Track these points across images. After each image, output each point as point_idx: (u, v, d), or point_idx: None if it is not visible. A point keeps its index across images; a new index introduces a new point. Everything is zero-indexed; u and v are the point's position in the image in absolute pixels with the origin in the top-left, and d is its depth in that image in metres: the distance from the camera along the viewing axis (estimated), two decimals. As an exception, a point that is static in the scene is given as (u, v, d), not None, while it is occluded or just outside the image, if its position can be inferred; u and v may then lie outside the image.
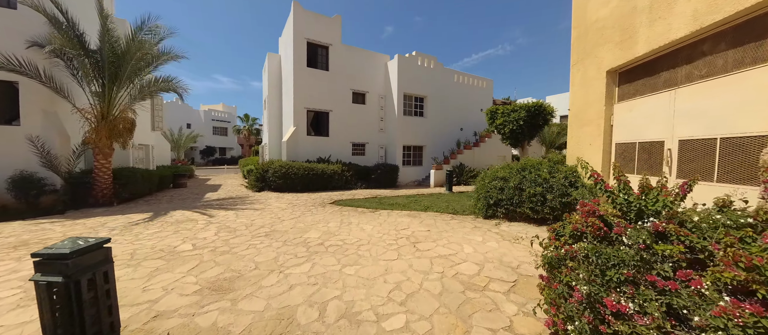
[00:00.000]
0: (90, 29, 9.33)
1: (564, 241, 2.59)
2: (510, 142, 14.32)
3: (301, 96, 14.83)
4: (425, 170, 17.90)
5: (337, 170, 13.63)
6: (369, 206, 9.14)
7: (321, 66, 15.49)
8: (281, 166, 12.60)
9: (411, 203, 9.42)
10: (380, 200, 10.44)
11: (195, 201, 10.44)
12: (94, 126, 9.33)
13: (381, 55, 17.33)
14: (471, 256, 4.55)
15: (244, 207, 8.99)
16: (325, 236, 5.69)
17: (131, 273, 3.99)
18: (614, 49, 5.67)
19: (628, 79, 5.64)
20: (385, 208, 8.79)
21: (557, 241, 2.79)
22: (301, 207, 8.99)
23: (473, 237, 5.57)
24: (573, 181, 6.38)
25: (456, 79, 19.13)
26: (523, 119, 13.49)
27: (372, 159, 17.13)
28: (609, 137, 5.94)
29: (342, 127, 16.15)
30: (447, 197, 11.16)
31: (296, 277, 3.81)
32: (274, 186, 12.60)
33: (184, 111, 38.23)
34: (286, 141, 14.50)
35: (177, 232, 6.01)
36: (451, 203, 9.36)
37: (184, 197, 11.64)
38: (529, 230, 6.11)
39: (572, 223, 2.66)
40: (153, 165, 16.56)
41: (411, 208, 8.67)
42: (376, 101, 17.24)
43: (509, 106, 14.44)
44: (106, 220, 7.29)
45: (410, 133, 17.13)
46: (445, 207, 8.63)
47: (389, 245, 5.13)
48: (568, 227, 2.71)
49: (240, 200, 10.37)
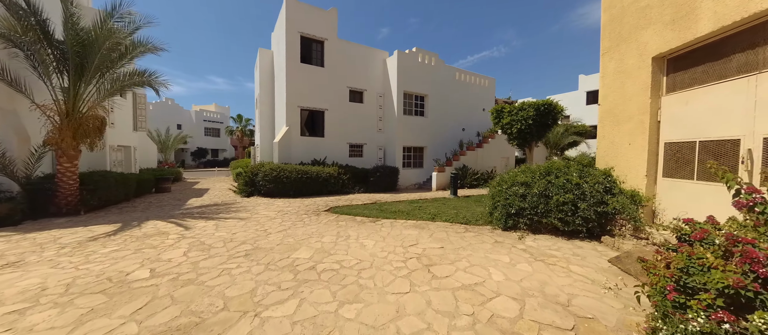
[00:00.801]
0: (58, 17, 8.24)
1: (708, 302, 1.64)
2: (517, 142, 13.43)
3: (295, 94, 13.81)
4: (426, 173, 16.96)
5: (333, 173, 12.63)
6: (369, 214, 8.14)
7: (316, 62, 14.49)
8: (272, 169, 11.56)
9: (415, 211, 8.44)
10: (381, 206, 9.45)
11: (174, 209, 9.36)
12: (57, 125, 8.25)
13: (379, 51, 16.38)
14: (504, 286, 3.58)
15: (228, 216, 7.94)
16: (318, 256, 4.69)
17: (55, 316, 2.96)
18: (663, 31, 4.76)
19: (683, 66, 4.72)
20: (387, 216, 7.80)
21: (686, 297, 1.83)
22: (292, 216, 7.96)
23: (498, 257, 4.61)
24: (609, 187, 5.45)
25: (457, 77, 18.24)
26: (532, 119, 12.61)
27: (370, 161, 16.14)
28: (655, 136, 5.03)
29: (338, 127, 15.15)
30: (453, 202, 10.20)
31: (276, 325, 2.80)
32: (265, 191, 11.56)
33: (175, 111, 36.94)
34: (277, 142, 13.46)
35: (138, 251, 4.97)
36: (460, 211, 8.40)
37: (163, 203, 10.55)
38: (561, 245, 5.16)
39: (718, 274, 1.69)
40: (135, 168, 15.42)
41: (416, 216, 7.69)
42: (374, 99, 16.27)
43: (516, 104, 13.56)
44: (62, 234, 6.21)
45: (410, 133, 16.17)
46: (454, 216, 7.67)
47: (398, 269, 4.14)
48: (710, 279, 1.74)
49: (225, 208, 9.32)
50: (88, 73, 8.31)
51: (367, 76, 16.01)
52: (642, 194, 5.03)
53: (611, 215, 5.25)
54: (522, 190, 6.08)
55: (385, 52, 16.53)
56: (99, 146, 9.05)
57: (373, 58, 16.16)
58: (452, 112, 17.93)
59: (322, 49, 14.56)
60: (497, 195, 6.58)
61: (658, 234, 4.48)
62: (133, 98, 15.91)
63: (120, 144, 13.68)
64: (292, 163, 13.30)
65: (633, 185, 5.29)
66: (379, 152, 16.46)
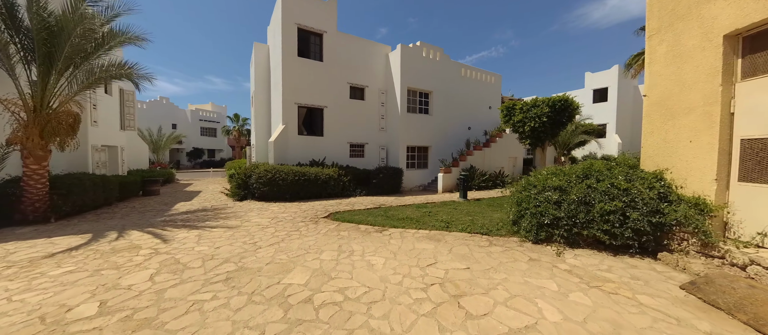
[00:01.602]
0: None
1: None
2: (529, 142, 12.54)
3: (292, 90, 12.90)
4: (431, 174, 16.06)
5: (333, 174, 11.72)
6: (374, 222, 7.23)
7: (314, 56, 13.58)
8: (267, 170, 10.65)
9: (425, 218, 7.54)
10: (386, 211, 8.55)
11: (157, 215, 8.44)
12: (22, 122, 7.34)
13: (382, 46, 15.47)
14: (566, 331, 2.68)
15: (215, 224, 7.03)
16: (316, 281, 3.78)
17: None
18: (740, 2, 3.87)
19: (765, 45, 3.84)
20: (395, 225, 6.89)
21: None
22: (287, 224, 7.06)
23: (541, 282, 3.71)
24: (664, 193, 4.56)
25: (463, 74, 17.34)
26: (547, 116, 11.73)
27: (372, 161, 15.24)
28: (727, 131, 4.13)
29: (338, 125, 14.23)
30: (465, 207, 9.30)
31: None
32: (259, 194, 10.65)
33: (169, 110, 35.96)
34: (273, 141, 12.54)
35: (96, 273, 4.06)
36: (476, 217, 7.50)
37: (147, 208, 9.63)
38: (610, 264, 4.27)
39: None
40: (123, 169, 14.49)
41: (428, 225, 6.78)
42: (376, 96, 15.37)
43: (528, 101, 12.68)
44: (17, 247, 5.28)
45: (414, 132, 15.27)
46: (470, 223, 6.76)
47: (418, 301, 3.24)
48: None
49: (213, 214, 8.40)
50: (57, 63, 7.38)
51: (369, 71, 15.11)
52: (710, 203, 4.15)
53: (669, 228, 4.36)
54: (556, 196, 5.18)
55: (387, 47, 15.63)
56: (72, 145, 8.11)
57: (374, 52, 15.26)
58: (458, 110, 17.04)
59: (320, 42, 13.65)
60: (524, 201, 5.68)
61: (739, 253, 3.59)
62: (121, 95, 14.98)
63: (104, 144, 12.75)
64: (289, 164, 12.40)
65: (695, 191, 4.40)
66: (381, 152, 15.56)
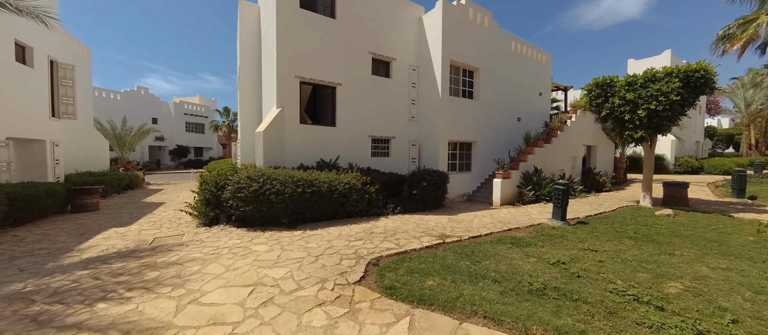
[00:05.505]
0: None
1: None
2: (642, 133, 8.52)
3: (290, 57, 8.89)
4: (476, 179, 12.10)
5: (355, 183, 7.71)
6: (459, 290, 3.25)
7: (323, 10, 9.57)
8: (251, 178, 6.63)
9: (557, 275, 3.58)
10: (460, 253, 4.57)
11: (41, 262, 4.41)
12: None
13: (413, 6, 11.48)
14: None
15: (127, 297, 3.01)
16: None
17: None
18: None
19: None
20: (508, 302, 2.91)
21: None
22: (284, 298, 3.05)
23: None
24: None
25: (514, 48, 13.38)
26: (678, 93, 7.81)
27: (399, 163, 11.27)
28: None
29: (356, 111, 10.25)
30: (607, 246, 5.35)
31: None
32: (238, 216, 6.65)
33: (149, 103, 31.63)
34: (263, 131, 8.51)
35: None
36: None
37: (47, 240, 5.59)
38: None
39: None
40: (55, 173, 10.40)
41: (575, 302, 2.82)
42: (405, 73, 11.38)
43: (639, 75, 8.73)
44: None
45: (458, 123, 11.29)
46: (697, 303, 2.83)
47: None
48: None
49: (144, 263, 4.38)
50: None
51: (396, 40, 11.11)
52: None
53: None
54: None
55: (420, 8, 11.64)
56: None
57: (403, 14, 11.26)
58: (507, 95, 13.06)
59: (332, -7, 9.66)
60: None
61: None
62: (53, 69, 10.87)
63: (13, 136, 8.66)
64: (287, 166, 8.40)
65: None
66: (412, 149, 11.57)
